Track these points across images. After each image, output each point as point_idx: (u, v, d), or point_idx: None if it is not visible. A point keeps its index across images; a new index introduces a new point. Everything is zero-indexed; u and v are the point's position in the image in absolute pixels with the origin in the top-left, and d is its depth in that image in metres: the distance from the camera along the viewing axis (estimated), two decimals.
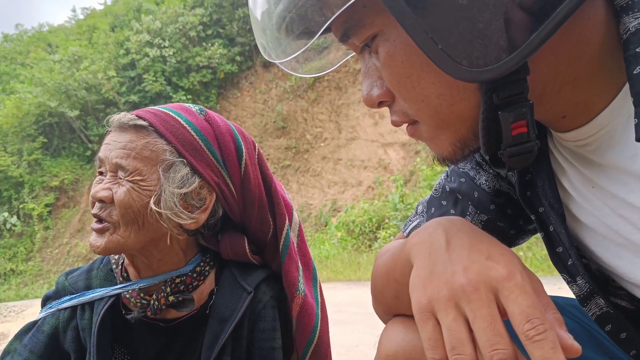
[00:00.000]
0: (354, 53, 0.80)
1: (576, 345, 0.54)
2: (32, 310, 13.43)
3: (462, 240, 0.66)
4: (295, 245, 1.30)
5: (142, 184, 1.07)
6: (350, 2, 0.59)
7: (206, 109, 1.21)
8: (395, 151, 17.92)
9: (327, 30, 0.73)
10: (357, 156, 19.35)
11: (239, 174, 1.18)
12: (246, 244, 1.23)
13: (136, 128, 1.10)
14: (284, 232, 1.25)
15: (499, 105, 0.64)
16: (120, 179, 1.08)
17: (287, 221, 1.26)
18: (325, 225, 16.35)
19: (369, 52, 0.74)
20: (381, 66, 0.70)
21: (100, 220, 1.12)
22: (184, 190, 1.10)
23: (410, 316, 0.87)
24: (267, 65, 26.69)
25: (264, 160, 1.26)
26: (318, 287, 1.34)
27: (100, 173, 1.13)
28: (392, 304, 0.90)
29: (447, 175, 1.05)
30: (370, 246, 11.35)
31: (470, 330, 0.57)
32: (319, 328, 1.24)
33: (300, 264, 1.27)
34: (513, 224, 1.02)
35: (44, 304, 1.24)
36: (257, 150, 1.24)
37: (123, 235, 1.09)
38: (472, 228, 0.69)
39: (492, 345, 0.54)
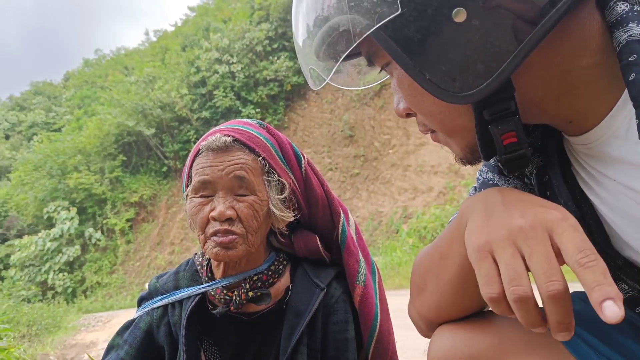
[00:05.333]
0: None
1: (619, 293, 0.55)
2: (117, 321, 14.04)
3: (517, 196, 0.72)
4: (355, 240, 1.38)
5: (259, 194, 1.20)
6: (353, 45, 0.72)
7: (265, 122, 1.35)
8: None
9: (360, 54, 0.88)
10: (426, 162, 19.08)
11: (301, 176, 1.32)
12: (318, 241, 1.34)
13: (233, 147, 1.20)
14: (340, 226, 1.35)
15: (489, 120, 0.74)
16: (242, 195, 1.19)
17: (342, 217, 1.36)
18: (396, 233, 16.21)
19: None
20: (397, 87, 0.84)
21: (223, 234, 1.18)
22: (284, 195, 1.25)
23: (455, 322, 0.93)
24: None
25: (314, 165, 1.39)
26: (377, 280, 1.41)
27: (204, 196, 1.19)
28: (431, 289, 0.93)
29: (476, 189, 1.11)
30: None
31: (527, 270, 0.62)
32: (379, 317, 1.33)
33: (361, 257, 1.35)
34: None
35: (139, 304, 1.40)
36: (305, 156, 1.37)
37: (250, 244, 1.20)
38: (524, 192, 0.75)
39: (548, 277, 0.59)
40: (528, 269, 0.62)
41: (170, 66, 32.78)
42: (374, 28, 0.69)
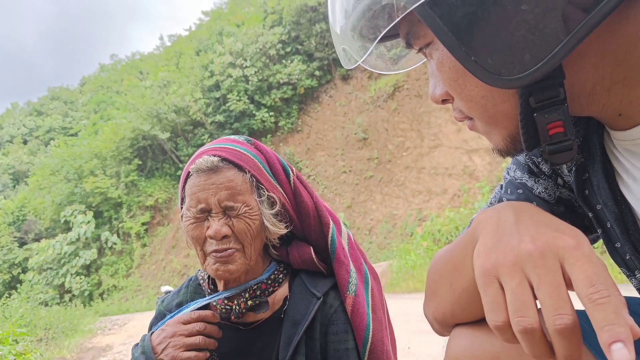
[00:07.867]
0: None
1: (636, 328, 0.52)
2: (133, 324, 14.14)
3: (531, 216, 0.67)
4: (347, 251, 1.41)
5: (251, 212, 1.25)
6: (395, 20, 0.68)
7: (252, 139, 1.40)
8: (481, 157, 17.44)
9: (396, 36, 0.84)
10: (441, 164, 18.99)
11: (290, 189, 1.36)
12: (312, 252, 1.36)
13: (221, 166, 1.24)
14: (330, 236, 1.38)
15: (535, 108, 0.70)
16: (234, 212, 1.24)
17: (331, 227, 1.39)
18: (411, 235, 16.15)
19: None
20: (436, 70, 0.80)
21: (221, 251, 1.24)
22: (275, 209, 1.30)
23: (472, 323, 0.90)
24: (346, 77, 26.89)
25: (303, 178, 1.43)
26: (369, 289, 1.42)
27: (198, 216, 1.25)
28: (445, 297, 0.90)
29: (502, 188, 1.07)
30: None
31: (534, 298, 0.58)
32: (371, 327, 1.32)
33: (352, 267, 1.37)
34: None
35: (150, 329, 1.44)
36: (294, 170, 1.41)
37: (247, 257, 1.26)
38: (541, 210, 0.71)
39: (556, 310, 0.55)
40: (536, 297, 0.58)
41: (185, 70, 33.01)
42: (419, 2, 0.65)
